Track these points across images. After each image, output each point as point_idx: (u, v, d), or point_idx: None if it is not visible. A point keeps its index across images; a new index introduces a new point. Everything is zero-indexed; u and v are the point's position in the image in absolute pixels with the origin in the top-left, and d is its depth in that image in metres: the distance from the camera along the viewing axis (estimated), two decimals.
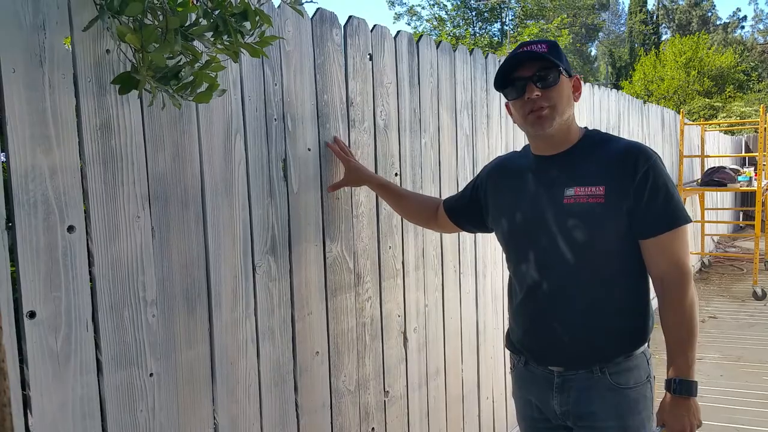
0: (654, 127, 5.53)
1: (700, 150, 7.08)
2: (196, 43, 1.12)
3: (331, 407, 1.74)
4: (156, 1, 1.03)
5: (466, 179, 2.33)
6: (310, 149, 1.65)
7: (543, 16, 20.25)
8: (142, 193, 1.22)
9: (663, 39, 30.58)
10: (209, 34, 1.09)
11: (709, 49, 20.73)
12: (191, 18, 1.11)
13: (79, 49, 1.10)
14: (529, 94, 1.36)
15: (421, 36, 2.11)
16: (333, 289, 1.74)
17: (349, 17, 1.78)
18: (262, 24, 1.12)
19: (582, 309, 1.40)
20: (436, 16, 20.15)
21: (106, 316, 1.16)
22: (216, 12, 1.07)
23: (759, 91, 21.01)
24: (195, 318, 1.34)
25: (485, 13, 20.06)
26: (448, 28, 19.75)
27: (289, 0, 1.20)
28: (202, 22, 1.08)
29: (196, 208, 1.34)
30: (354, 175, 1.71)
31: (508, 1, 19.72)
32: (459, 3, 19.81)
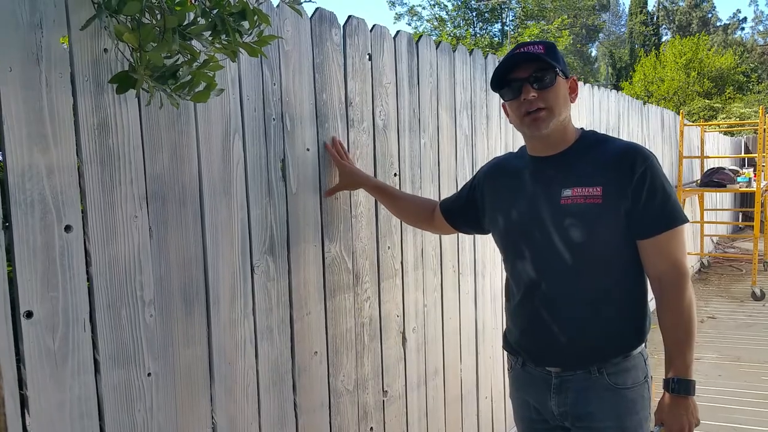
0: (654, 128, 5.53)
1: (699, 151, 7.08)
2: (194, 43, 1.12)
3: (329, 407, 1.73)
4: (154, 0, 1.03)
5: (465, 179, 2.33)
6: (308, 149, 1.65)
7: (543, 17, 20.26)
8: (140, 192, 1.22)
9: (663, 40, 30.59)
10: (207, 34, 1.09)
11: (709, 50, 20.73)
12: (189, 17, 1.11)
13: (77, 48, 1.10)
14: (526, 95, 1.36)
15: (421, 36, 2.11)
16: (332, 289, 1.73)
17: (349, 17, 1.78)
18: (260, 23, 1.12)
19: (580, 309, 1.40)
20: (437, 16, 20.16)
21: (104, 315, 1.16)
22: (214, 11, 1.07)
23: (759, 92, 21.02)
24: (193, 318, 1.34)
25: (486, 14, 20.07)
26: (448, 29, 19.75)
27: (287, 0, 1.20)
28: (200, 21, 1.08)
29: (194, 207, 1.34)
30: (349, 178, 1.71)
31: (508, 1, 19.72)
32: (459, 3, 19.82)
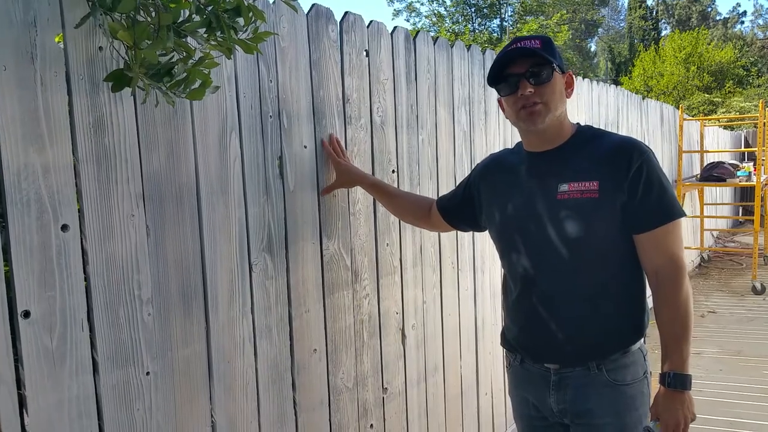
0: (653, 123, 5.52)
1: (699, 145, 7.07)
2: (189, 40, 1.11)
3: (329, 404, 1.73)
4: None
5: (463, 176, 2.32)
6: (306, 146, 1.64)
7: (542, 12, 20.20)
8: (137, 191, 1.21)
9: (662, 35, 30.53)
10: (202, 31, 1.09)
11: (709, 44, 20.71)
12: (184, 14, 1.11)
13: (72, 47, 1.09)
14: (523, 90, 1.35)
15: (418, 32, 2.10)
16: (330, 286, 1.73)
17: (345, 13, 1.77)
18: (255, 20, 1.12)
19: (578, 305, 1.39)
20: (435, 12, 20.10)
21: (102, 315, 1.16)
22: (209, 8, 1.07)
23: (759, 86, 20.99)
24: (191, 316, 1.34)
25: (484, 9, 20.02)
26: (447, 25, 19.69)
27: None
28: (195, 18, 1.08)
29: (192, 206, 1.33)
30: (346, 176, 1.70)
31: None
32: None
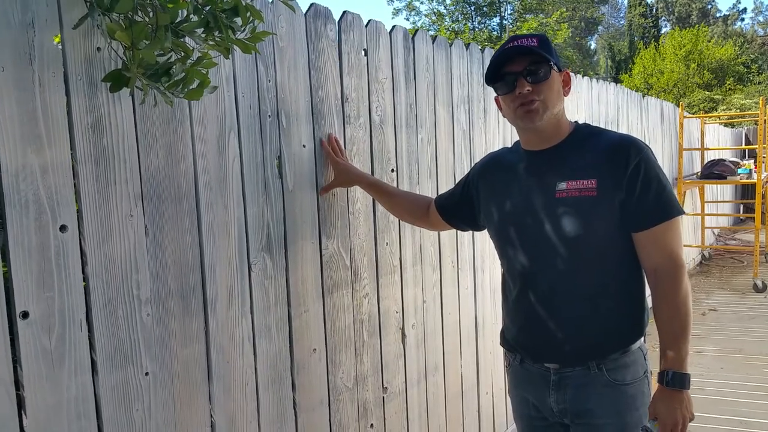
0: (653, 121, 5.52)
1: (699, 143, 7.06)
2: (187, 40, 1.11)
3: (329, 404, 1.73)
4: None
5: (463, 175, 2.31)
6: (305, 146, 1.64)
7: (542, 10, 20.16)
8: (135, 191, 1.21)
9: (662, 32, 30.50)
10: (200, 31, 1.09)
11: (709, 41, 20.68)
12: (182, 14, 1.10)
13: (70, 47, 1.09)
14: (520, 89, 1.35)
15: (417, 31, 2.10)
16: (330, 286, 1.73)
17: (344, 12, 1.77)
18: (253, 20, 1.11)
19: (577, 304, 1.39)
20: (435, 11, 20.06)
21: (100, 315, 1.16)
22: (207, 8, 1.06)
23: (759, 83, 20.96)
24: (190, 316, 1.34)
25: (484, 8, 19.97)
26: (446, 23, 19.66)
27: None
28: (193, 18, 1.07)
29: (190, 206, 1.33)
30: (344, 176, 1.70)
31: None
32: None
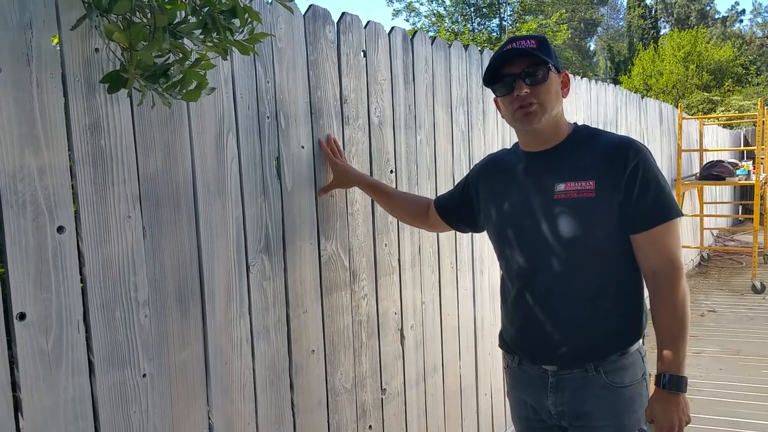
0: (652, 122, 5.52)
1: (698, 144, 7.06)
2: (185, 41, 1.11)
3: (327, 405, 1.73)
4: None
5: (462, 176, 2.32)
6: (303, 147, 1.64)
7: (541, 12, 20.18)
8: (133, 192, 1.21)
9: (662, 33, 30.55)
10: (198, 32, 1.08)
11: (708, 43, 20.71)
12: (180, 16, 1.10)
13: (68, 48, 1.09)
14: (518, 91, 1.35)
15: (416, 32, 2.10)
16: (328, 287, 1.73)
17: (342, 14, 1.77)
18: (251, 21, 1.11)
19: (575, 305, 1.39)
20: (435, 12, 20.07)
21: (98, 316, 1.15)
22: (205, 9, 1.06)
23: (758, 84, 21.00)
24: (188, 318, 1.33)
25: (484, 9, 19.97)
26: (446, 24, 19.67)
27: None
28: (191, 19, 1.07)
29: (188, 207, 1.33)
30: (343, 177, 1.70)
31: None
32: None
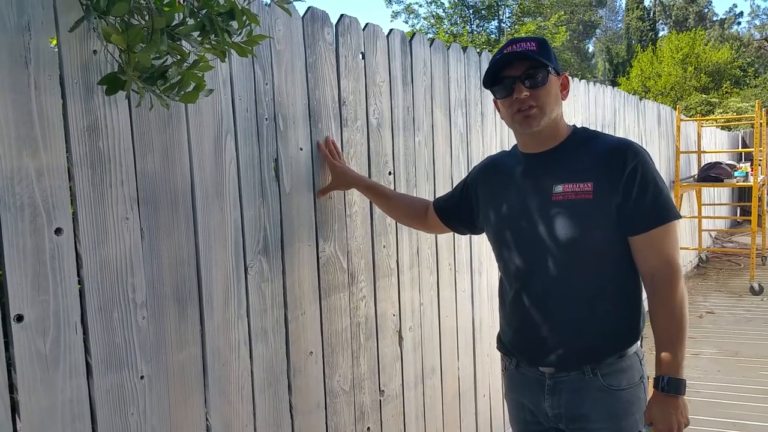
0: (650, 124, 5.53)
1: (696, 146, 7.08)
2: (183, 43, 1.11)
3: (325, 407, 1.73)
4: (142, 1, 1.02)
5: (460, 178, 2.32)
6: (302, 149, 1.64)
7: (540, 13, 20.22)
8: (131, 194, 1.21)
9: (660, 35, 30.62)
10: (196, 34, 1.09)
11: (706, 45, 20.77)
12: (178, 18, 1.10)
13: (66, 50, 1.09)
14: (518, 94, 1.35)
15: (414, 34, 2.10)
16: (326, 288, 1.73)
17: (341, 16, 1.77)
18: (249, 23, 1.12)
19: (573, 307, 1.39)
20: (434, 14, 20.11)
21: (96, 318, 1.15)
22: (203, 11, 1.06)
23: (755, 86, 21.04)
24: (186, 319, 1.33)
25: (482, 11, 20.01)
26: (445, 26, 19.71)
27: None
28: (189, 21, 1.07)
29: (186, 209, 1.33)
30: (341, 179, 1.70)
31: None
32: (456, 1, 19.76)
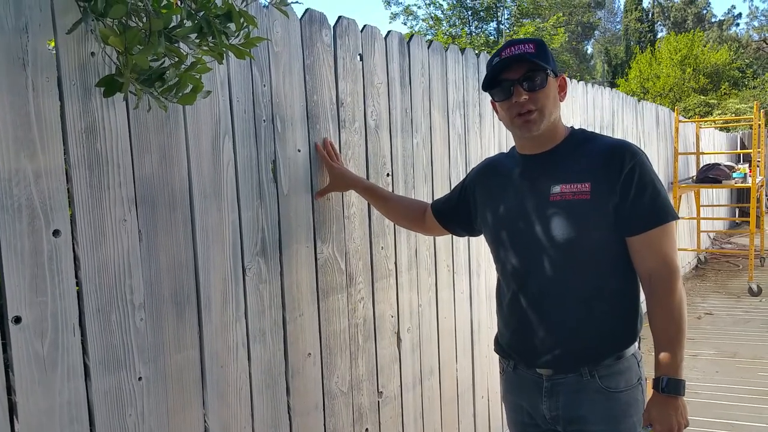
0: (649, 125, 5.54)
1: (695, 147, 7.09)
2: (180, 45, 1.11)
3: (324, 409, 1.73)
4: (140, 3, 1.03)
5: (458, 179, 2.33)
6: (300, 150, 1.64)
7: (539, 15, 20.24)
8: (129, 196, 1.21)
9: (658, 37, 30.67)
10: (193, 36, 1.09)
11: (705, 46, 20.82)
12: (175, 20, 1.10)
13: (63, 52, 1.09)
14: (517, 97, 1.35)
15: (412, 36, 2.11)
16: (325, 290, 1.73)
17: (339, 17, 1.78)
18: (247, 25, 1.12)
19: (570, 308, 1.39)
20: (432, 15, 20.12)
21: (93, 320, 1.16)
22: (200, 13, 1.07)
23: (754, 87, 21.07)
24: (184, 321, 1.33)
25: (481, 12, 20.03)
26: (444, 28, 19.73)
27: (274, 1, 1.19)
28: (187, 23, 1.08)
29: (184, 210, 1.33)
30: (339, 180, 1.70)
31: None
32: (455, 2, 19.79)
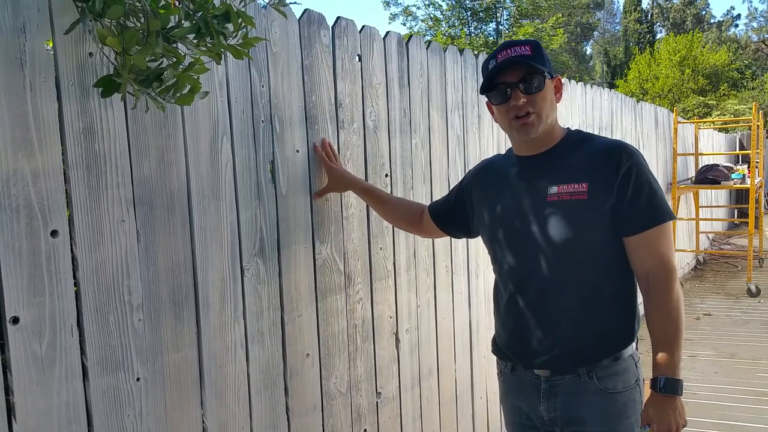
0: (647, 126, 5.54)
1: (694, 148, 7.09)
2: (178, 46, 1.11)
3: (322, 409, 1.73)
4: (138, 4, 1.03)
5: (457, 180, 2.32)
6: (298, 151, 1.64)
7: (538, 16, 20.27)
8: (127, 196, 1.21)
9: (657, 37, 30.72)
10: (191, 36, 1.09)
11: (704, 47, 20.86)
12: (173, 20, 1.11)
13: (61, 53, 1.09)
14: (515, 101, 1.35)
15: (411, 36, 2.11)
16: (323, 291, 1.73)
17: (337, 18, 1.78)
18: (245, 25, 1.12)
19: (568, 308, 1.39)
20: (432, 16, 20.13)
21: (92, 320, 1.15)
22: (198, 14, 1.07)
23: (753, 88, 21.11)
24: (182, 322, 1.33)
25: (480, 13, 20.04)
26: (443, 28, 19.73)
27: (272, 2, 1.19)
28: (185, 24, 1.08)
29: (183, 211, 1.33)
30: (338, 181, 1.70)
31: (503, 0, 19.72)
32: (454, 3, 19.79)
